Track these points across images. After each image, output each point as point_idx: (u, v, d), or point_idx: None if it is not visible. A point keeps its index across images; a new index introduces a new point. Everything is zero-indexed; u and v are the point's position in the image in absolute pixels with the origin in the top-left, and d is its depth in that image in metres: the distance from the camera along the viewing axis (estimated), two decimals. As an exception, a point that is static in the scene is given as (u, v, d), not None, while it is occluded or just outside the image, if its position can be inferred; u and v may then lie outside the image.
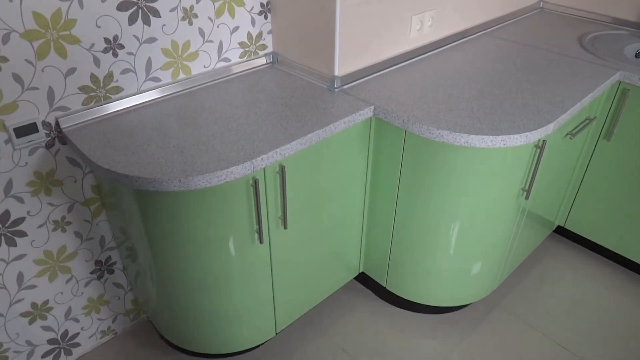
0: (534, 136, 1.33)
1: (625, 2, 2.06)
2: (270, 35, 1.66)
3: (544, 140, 1.40)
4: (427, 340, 1.75)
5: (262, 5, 1.59)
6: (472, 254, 1.61)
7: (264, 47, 1.66)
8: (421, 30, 1.72)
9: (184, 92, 1.50)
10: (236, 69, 1.61)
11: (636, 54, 1.94)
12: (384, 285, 1.81)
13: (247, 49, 1.62)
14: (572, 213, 2.04)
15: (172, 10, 1.39)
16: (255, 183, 1.23)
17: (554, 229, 2.14)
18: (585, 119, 1.67)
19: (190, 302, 1.44)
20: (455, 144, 1.33)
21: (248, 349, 1.66)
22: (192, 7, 1.43)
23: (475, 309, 1.87)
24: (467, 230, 1.55)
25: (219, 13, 1.49)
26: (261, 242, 1.34)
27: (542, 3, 2.30)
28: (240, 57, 1.62)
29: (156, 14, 1.36)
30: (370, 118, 1.48)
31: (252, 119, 1.35)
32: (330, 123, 1.34)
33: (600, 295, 1.93)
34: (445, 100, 1.46)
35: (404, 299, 1.80)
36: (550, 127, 1.36)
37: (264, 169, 1.26)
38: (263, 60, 1.67)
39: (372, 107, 1.43)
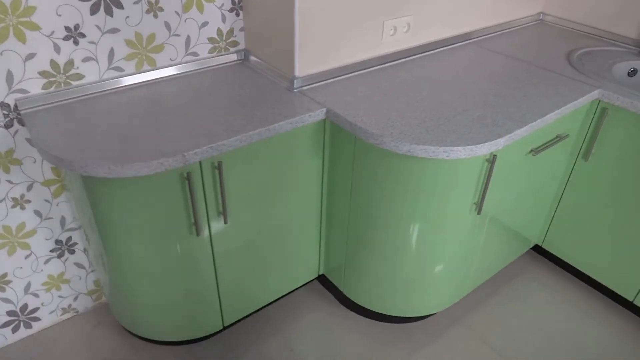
0: (481, 150, 1.29)
1: (626, 18, 1.97)
2: (243, 32, 1.68)
3: (494, 155, 1.36)
4: (380, 349, 1.73)
5: (233, 2, 1.61)
6: (426, 266, 1.58)
7: (235, 43, 1.68)
8: (395, 36, 1.70)
9: (148, 83, 1.54)
10: (205, 64, 1.64)
11: (629, 72, 1.86)
12: (342, 290, 1.80)
13: (216, 44, 1.64)
14: (550, 232, 1.97)
15: (136, 2, 1.43)
16: (189, 176, 1.25)
17: (530, 246, 2.06)
18: (556, 137, 1.61)
19: (137, 288, 1.48)
20: (397, 152, 1.31)
21: (195, 339, 1.68)
22: (157, 1, 1.46)
23: (436, 322, 1.83)
24: (420, 241, 1.52)
25: (186, 8, 1.52)
26: (197, 234, 1.36)
27: (541, 15, 2.23)
28: (209, 53, 1.64)
29: (119, 5, 1.40)
30: (324, 120, 1.47)
31: (202, 114, 1.37)
32: (275, 122, 1.34)
33: (571, 322, 1.85)
34: (401, 108, 1.44)
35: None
36: (500, 142, 1.32)
37: (200, 163, 1.27)
38: (234, 57, 1.69)
39: (324, 110, 1.43)
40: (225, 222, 1.39)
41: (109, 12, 1.40)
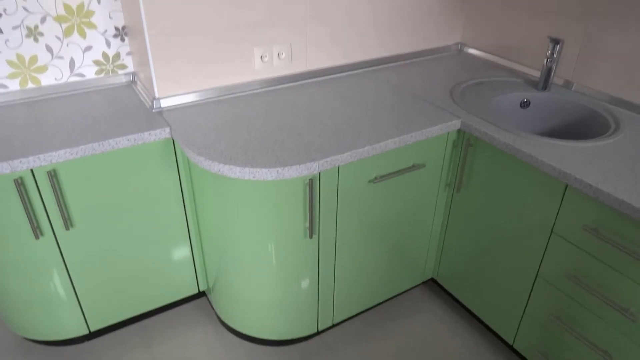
0: (289, 173, 1.32)
1: (527, 51, 1.92)
2: (130, 56, 1.81)
3: (310, 179, 1.38)
4: (241, 368, 1.74)
5: (117, 29, 1.75)
6: (275, 289, 1.60)
7: (123, 66, 1.82)
8: (270, 63, 1.77)
9: (32, 100, 1.69)
10: (93, 84, 1.78)
11: (522, 103, 1.81)
12: (214, 309, 1.84)
13: (103, 67, 1.78)
14: (441, 266, 1.91)
15: (15, 28, 1.59)
16: (18, 182, 1.36)
17: (425, 279, 2.01)
18: (412, 165, 1.59)
19: None
20: (210, 171, 1.36)
21: (59, 340, 1.76)
22: (36, 27, 1.62)
23: (308, 349, 1.82)
24: (262, 264, 1.54)
25: (67, 33, 1.68)
26: (37, 238, 1.47)
27: (460, 45, 2.21)
28: (96, 74, 1.78)
29: (-2, 30, 1.58)
30: (172, 139, 1.56)
31: (53, 128, 1.49)
32: (111, 138, 1.44)
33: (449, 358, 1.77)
34: (239, 132, 1.50)
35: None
36: (312, 166, 1.34)
37: (32, 171, 1.39)
38: (123, 79, 1.82)
39: (167, 129, 1.51)
40: (67, 229, 1.50)
41: (-11, 36, 1.57)
